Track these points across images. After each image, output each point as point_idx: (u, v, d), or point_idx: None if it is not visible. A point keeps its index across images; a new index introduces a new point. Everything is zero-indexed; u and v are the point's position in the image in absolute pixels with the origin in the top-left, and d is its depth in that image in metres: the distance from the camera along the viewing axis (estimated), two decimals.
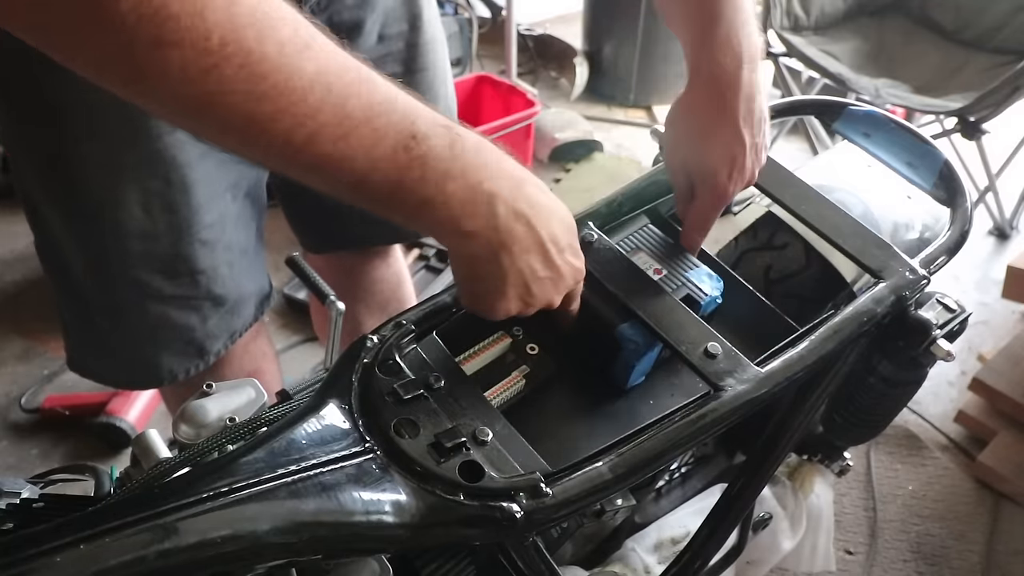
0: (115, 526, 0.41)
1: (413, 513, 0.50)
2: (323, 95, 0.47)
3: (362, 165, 0.50)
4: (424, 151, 0.52)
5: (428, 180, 0.52)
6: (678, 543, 0.87)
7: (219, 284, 0.91)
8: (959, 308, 0.76)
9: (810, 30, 2.35)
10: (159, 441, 0.63)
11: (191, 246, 0.87)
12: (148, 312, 0.89)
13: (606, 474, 0.55)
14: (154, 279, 0.87)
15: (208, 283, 0.90)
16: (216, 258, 0.90)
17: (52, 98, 0.77)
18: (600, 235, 0.72)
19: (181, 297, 0.89)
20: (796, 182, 0.79)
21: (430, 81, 1.03)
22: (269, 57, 0.44)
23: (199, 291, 0.90)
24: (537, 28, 3.17)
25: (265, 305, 1.02)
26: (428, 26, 1.00)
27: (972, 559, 1.57)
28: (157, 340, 0.92)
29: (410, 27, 0.97)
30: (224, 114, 0.45)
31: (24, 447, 1.70)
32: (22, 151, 0.84)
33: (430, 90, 1.03)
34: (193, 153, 0.83)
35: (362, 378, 0.56)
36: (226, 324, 0.95)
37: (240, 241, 0.94)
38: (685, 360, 0.64)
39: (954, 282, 2.24)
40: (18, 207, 0.92)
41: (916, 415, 1.85)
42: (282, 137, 0.47)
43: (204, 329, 0.93)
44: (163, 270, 0.87)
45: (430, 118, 0.53)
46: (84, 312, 0.92)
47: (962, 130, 2.01)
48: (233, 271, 0.93)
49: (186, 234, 0.86)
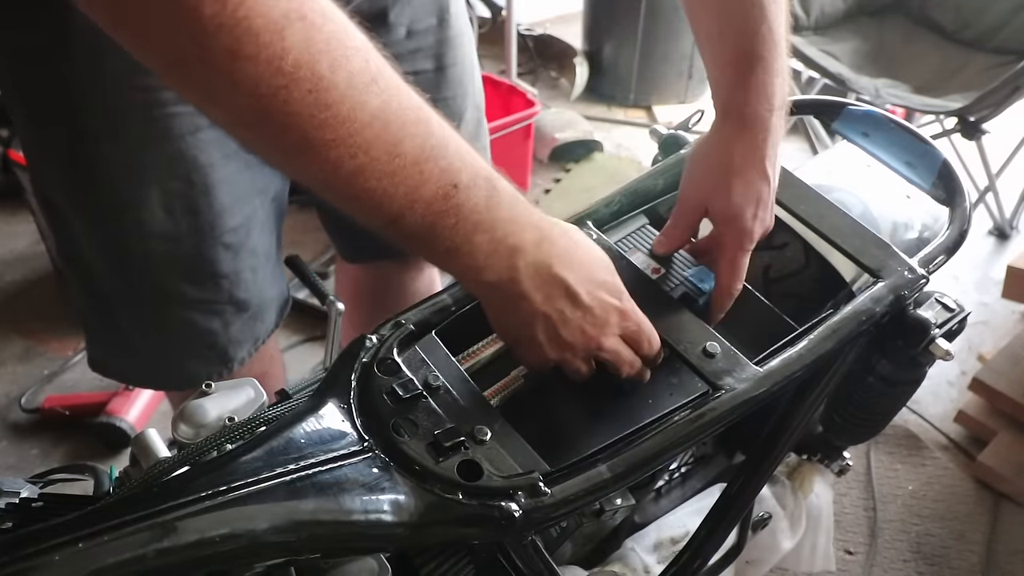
0: (114, 526, 0.42)
1: (412, 512, 0.50)
2: (380, 131, 0.48)
3: (400, 204, 0.51)
4: (462, 200, 0.52)
5: (459, 229, 0.53)
6: (678, 543, 0.87)
7: (242, 289, 0.90)
8: (958, 307, 0.76)
9: (810, 30, 2.35)
10: (158, 441, 0.63)
11: (214, 249, 0.85)
12: (171, 315, 0.88)
13: (605, 473, 0.55)
14: (177, 282, 0.86)
15: (231, 288, 0.89)
16: (240, 263, 0.88)
17: (75, 99, 0.76)
18: (599, 235, 0.72)
19: (204, 301, 0.88)
20: (796, 182, 0.79)
21: (459, 76, 1.01)
22: (338, 87, 0.45)
23: (222, 295, 0.89)
24: (537, 28, 3.17)
25: (285, 311, 1.00)
26: (456, 20, 0.98)
27: (972, 559, 1.57)
28: (181, 344, 0.91)
29: (439, 21, 0.96)
30: (280, 134, 0.46)
31: (24, 447, 1.70)
32: (44, 154, 0.83)
33: (460, 85, 1.01)
34: (216, 155, 0.82)
35: (361, 377, 0.57)
36: (250, 330, 0.94)
37: (264, 246, 0.92)
38: (684, 359, 0.64)
39: (954, 282, 2.24)
40: (18, 207, 0.92)
41: (916, 415, 1.85)
42: (331, 165, 0.47)
43: (227, 335, 0.92)
44: (186, 273, 0.86)
45: (474, 168, 0.53)
46: (107, 312, 0.91)
47: (962, 130, 2.01)
48: (256, 276, 0.91)
49: (208, 237, 0.85)
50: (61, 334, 1.91)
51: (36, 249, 2.09)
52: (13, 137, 2.07)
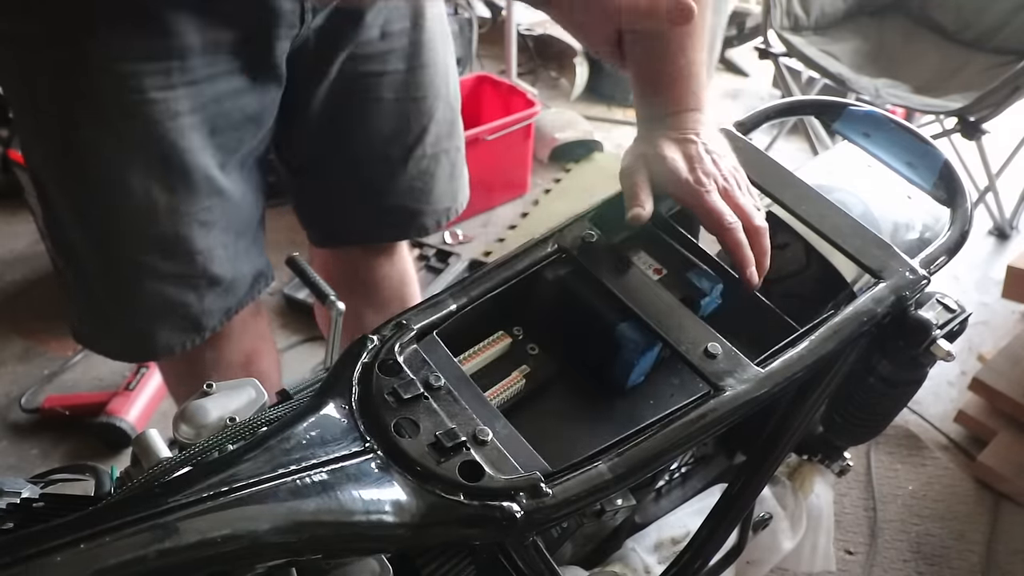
0: (115, 526, 0.41)
1: (413, 513, 0.50)
2: None
3: None
4: None
5: None
6: (678, 543, 0.87)
7: (216, 264, 0.94)
8: (959, 308, 0.76)
9: (810, 30, 2.35)
10: (159, 441, 0.63)
11: (189, 227, 0.90)
12: (146, 288, 0.92)
13: (606, 474, 0.55)
14: (153, 258, 0.90)
15: (205, 263, 0.93)
16: (212, 239, 0.92)
17: (65, 86, 0.81)
18: (600, 235, 0.72)
19: (178, 275, 0.92)
20: (796, 182, 0.79)
21: (431, 78, 1.03)
22: None
23: (196, 270, 0.93)
24: (537, 28, 3.17)
25: (262, 284, 1.04)
26: (431, 24, 1.01)
27: (972, 559, 1.57)
28: (154, 315, 0.95)
29: (412, 24, 0.99)
30: None
31: (24, 447, 1.70)
32: (36, 137, 0.88)
33: (431, 87, 1.04)
34: (195, 140, 0.85)
35: (362, 378, 0.57)
36: (222, 301, 0.98)
37: (237, 223, 0.96)
38: (685, 360, 0.64)
39: (954, 282, 2.24)
40: (18, 207, 0.94)
41: (916, 415, 1.85)
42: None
43: (200, 306, 0.96)
44: (162, 250, 0.90)
45: None
46: (87, 286, 0.95)
47: (962, 130, 2.01)
48: (229, 252, 0.95)
49: (185, 215, 0.89)
50: (61, 334, 1.91)
51: (36, 249, 2.09)
52: (13, 137, 2.07)
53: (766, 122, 0.89)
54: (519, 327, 0.69)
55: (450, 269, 2.17)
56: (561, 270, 0.70)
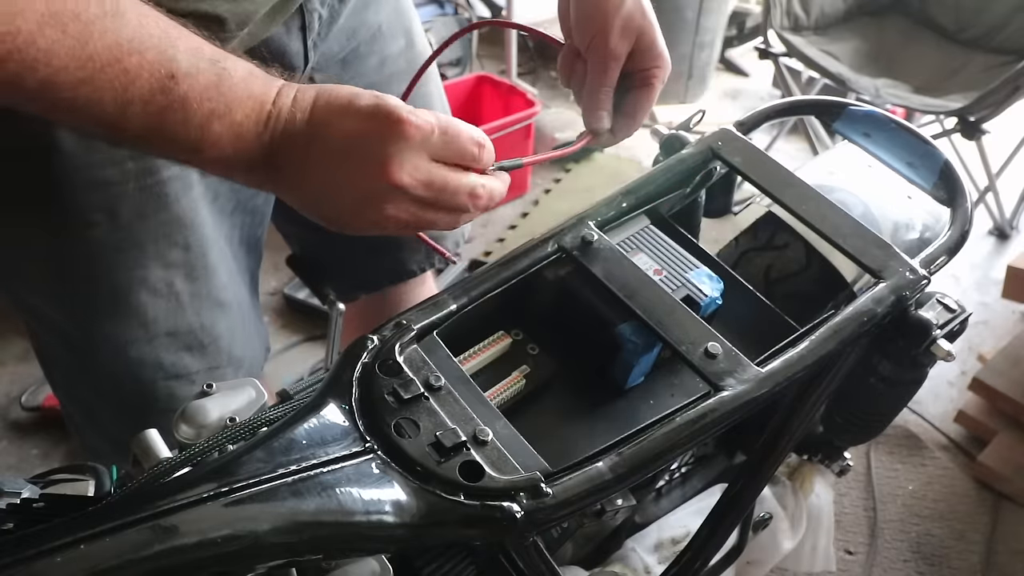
0: (115, 526, 0.41)
1: (413, 513, 0.50)
2: (56, 37, 0.43)
3: (112, 110, 0.46)
4: (186, 90, 0.47)
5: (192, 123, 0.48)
6: (678, 543, 0.87)
7: (237, 345, 0.88)
8: (959, 308, 0.76)
9: (810, 30, 2.35)
10: (159, 441, 0.63)
11: (211, 311, 0.83)
12: (176, 396, 0.83)
13: (606, 474, 0.55)
14: (180, 358, 0.82)
15: (229, 346, 0.86)
16: (232, 318, 0.86)
17: (64, 187, 0.69)
18: (600, 235, 0.72)
19: (207, 370, 0.84)
20: (796, 182, 0.79)
21: (429, 90, 1.03)
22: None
23: (221, 358, 0.86)
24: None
25: (266, 355, 0.99)
26: (418, 38, 1.00)
27: (972, 559, 1.57)
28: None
29: (407, 43, 0.97)
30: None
31: (24, 447, 1.70)
32: (24, 254, 0.76)
33: (429, 97, 1.03)
34: (204, 211, 0.78)
35: (362, 378, 0.56)
36: None
37: (245, 296, 0.91)
38: (685, 360, 0.64)
39: (954, 282, 2.24)
40: None
41: (916, 415, 1.85)
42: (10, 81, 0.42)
43: None
44: (188, 346, 0.82)
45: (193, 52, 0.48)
46: (103, 428, 0.89)
47: (962, 130, 2.01)
48: (246, 328, 0.90)
49: (207, 299, 0.82)
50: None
51: None
52: None
53: (766, 122, 0.89)
54: (519, 327, 0.69)
55: (450, 269, 2.17)
56: (561, 270, 0.70)
